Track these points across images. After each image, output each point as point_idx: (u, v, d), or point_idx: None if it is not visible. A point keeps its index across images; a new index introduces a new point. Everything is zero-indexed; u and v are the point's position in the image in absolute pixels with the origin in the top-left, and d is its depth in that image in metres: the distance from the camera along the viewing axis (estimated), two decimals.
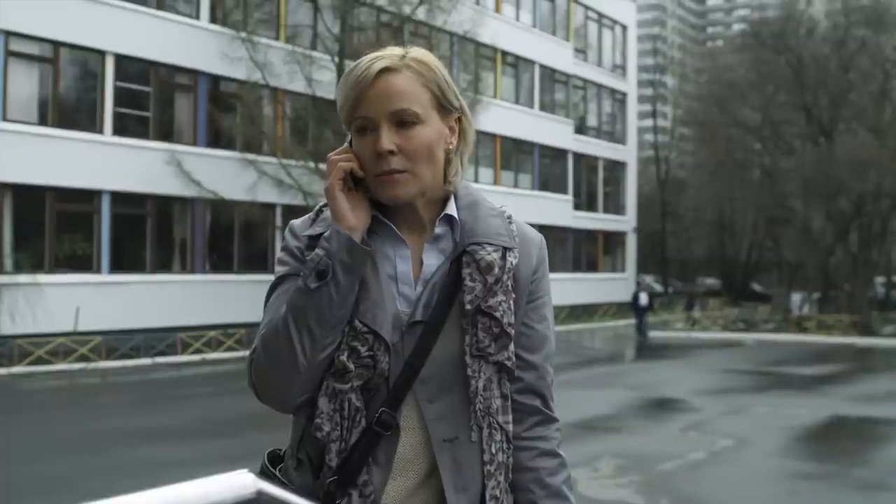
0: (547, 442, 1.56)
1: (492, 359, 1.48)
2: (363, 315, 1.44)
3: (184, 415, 11.56)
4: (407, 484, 1.46)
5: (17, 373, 15.83)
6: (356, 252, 1.43)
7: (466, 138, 1.57)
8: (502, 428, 1.50)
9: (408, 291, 1.49)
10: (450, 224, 1.53)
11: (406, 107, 1.45)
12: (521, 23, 32.48)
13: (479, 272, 1.47)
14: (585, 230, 35.86)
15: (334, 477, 1.44)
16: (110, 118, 19.42)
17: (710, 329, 28.86)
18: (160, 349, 18.28)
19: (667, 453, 8.78)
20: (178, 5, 21.21)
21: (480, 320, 1.46)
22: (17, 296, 16.85)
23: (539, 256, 1.58)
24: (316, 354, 1.42)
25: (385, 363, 1.44)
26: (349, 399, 1.44)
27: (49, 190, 18.21)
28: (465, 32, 24.13)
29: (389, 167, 1.45)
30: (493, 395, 1.49)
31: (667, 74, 60.59)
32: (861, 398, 13.27)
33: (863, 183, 29.22)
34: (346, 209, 1.45)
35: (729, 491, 7.51)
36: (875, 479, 7.99)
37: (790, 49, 32.75)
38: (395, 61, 1.47)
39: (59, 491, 7.08)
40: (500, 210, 1.59)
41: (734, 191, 39.06)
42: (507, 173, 31.62)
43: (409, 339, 1.45)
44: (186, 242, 21.18)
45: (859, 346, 23.35)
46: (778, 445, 9.37)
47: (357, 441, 1.43)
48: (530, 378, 1.55)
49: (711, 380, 15.62)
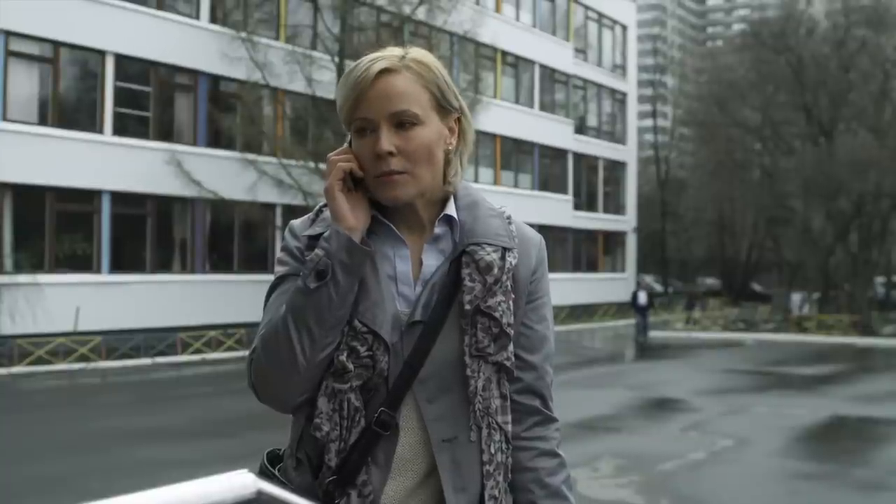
0: (546, 442, 1.57)
1: (491, 359, 1.48)
2: (363, 315, 1.44)
3: (184, 415, 11.56)
4: (406, 484, 1.46)
5: (17, 373, 15.83)
6: (356, 252, 1.43)
7: (466, 139, 1.57)
8: (501, 428, 1.50)
9: (407, 291, 1.49)
10: (449, 224, 1.53)
11: (406, 108, 1.45)
12: (521, 23, 32.48)
13: (479, 272, 1.47)
14: (585, 230, 35.87)
15: (333, 477, 1.44)
16: (110, 118, 19.42)
17: (711, 329, 28.86)
18: (160, 349, 18.28)
19: (667, 453, 8.78)
20: (178, 5, 21.21)
21: (480, 320, 1.47)
22: (17, 296, 16.85)
23: (538, 257, 1.58)
24: (315, 354, 1.42)
25: (384, 363, 1.44)
26: (348, 399, 1.44)
27: (49, 190, 18.21)
28: (465, 32, 24.13)
29: (389, 168, 1.45)
30: (493, 395, 1.49)
31: (667, 74, 60.60)
32: (861, 398, 13.27)
33: (863, 183, 29.22)
34: (345, 209, 1.45)
35: (729, 491, 7.51)
36: (875, 479, 7.99)
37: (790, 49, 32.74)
38: (395, 62, 1.47)
39: (59, 491, 7.08)
40: (500, 211, 1.59)
41: (734, 191, 39.05)
42: (507, 173, 31.62)
43: (409, 339, 1.45)
44: (186, 242, 21.18)
45: (859, 346, 23.35)
46: (778, 445, 9.37)
47: (356, 441, 1.44)
48: (530, 378, 1.56)
49: (711, 380, 15.62)
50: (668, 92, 59.34)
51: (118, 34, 19.24)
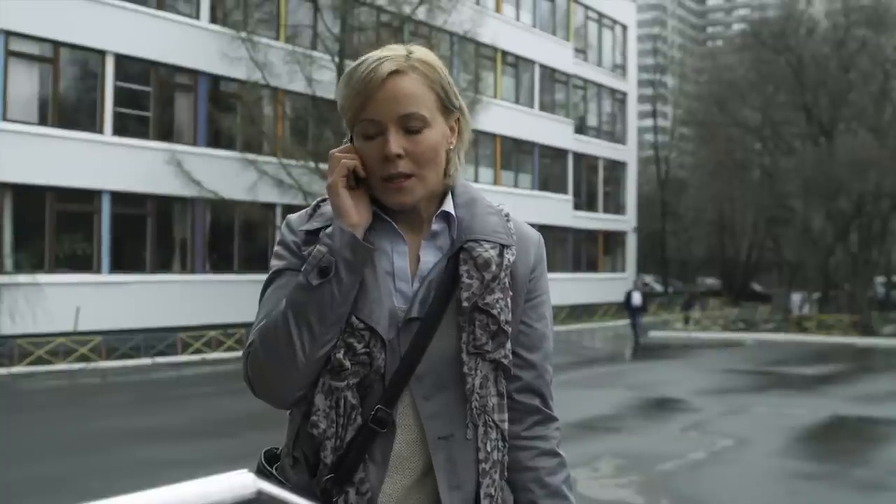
0: (546, 441, 1.56)
1: (489, 356, 1.47)
2: (360, 311, 1.43)
3: (184, 415, 11.56)
4: (403, 482, 1.46)
5: (18, 373, 15.83)
6: (359, 249, 1.42)
7: (463, 136, 1.57)
8: (498, 426, 1.50)
9: (405, 288, 1.49)
10: (447, 221, 1.53)
11: (415, 111, 1.45)
12: (521, 23, 32.48)
13: (477, 269, 1.46)
14: (585, 230, 35.87)
15: (331, 475, 1.43)
16: (110, 118, 19.42)
17: (711, 329, 28.85)
18: (160, 349, 18.28)
19: (667, 453, 8.78)
20: (178, 5, 21.21)
21: (477, 317, 1.46)
22: (17, 296, 16.84)
23: (537, 255, 1.58)
24: (315, 351, 1.42)
25: (381, 360, 1.43)
26: (345, 396, 1.43)
27: (49, 190, 18.21)
28: (466, 32, 24.14)
29: (397, 170, 1.44)
30: (490, 392, 1.49)
31: (667, 74, 60.60)
32: (861, 398, 13.27)
33: (863, 183, 29.21)
34: (349, 206, 1.45)
35: (729, 491, 7.51)
36: (875, 479, 7.98)
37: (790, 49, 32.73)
38: (402, 63, 1.46)
39: (59, 491, 7.08)
40: (498, 208, 1.58)
41: (734, 191, 39.03)
42: (508, 173, 31.63)
43: (406, 335, 1.45)
44: (186, 242, 21.19)
45: (859, 346, 23.34)
46: (778, 445, 9.37)
47: (353, 438, 1.43)
48: (529, 377, 1.55)
49: (711, 380, 15.61)
50: (668, 92, 59.35)
51: (118, 34, 19.24)
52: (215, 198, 20.54)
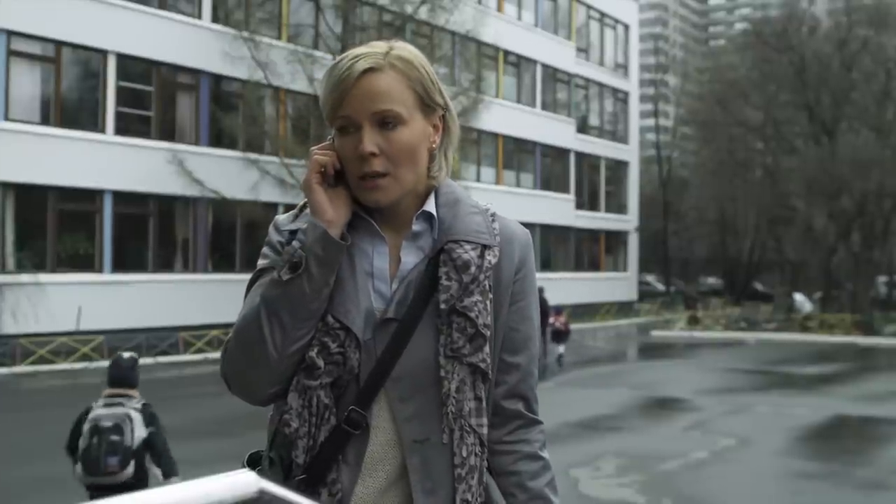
0: (529, 445, 1.53)
1: (466, 360, 1.44)
2: (336, 310, 1.42)
3: (186, 414, 11.55)
4: (377, 484, 1.44)
5: (20, 372, 15.85)
6: (330, 246, 1.41)
7: (451, 135, 1.55)
8: (475, 431, 1.46)
9: (383, 288, 1.47)
10: (429, 221, 1.51)
11: (389, 108, 1.43)
12: (522, 22, 32.46)
13: (456, 271, 1.44)
14: (587, 229, 35.84)
15: (303, 475, 1.42)
16: (112, 118, 19.42)
17: (713, 328, 28.84)
18: (162, 348, 18.29)
19: (669, 453, 8.78)
20: (180, 5, 21.21)
21: (455, 320, 1.44)
22: (19, 295, 16.85)
23: (522, 255, 1.54)
24: (287, 346, 1.41)
25: (355, 360, 1.42)
26: (318, 395, 1.42)
27: (51, 189, 18.21)
28: (467, 32, 24.13)
29: (371, 169, 1.43)
30: (467, 397, 1.45)
31: (669, 74, 60.57)
32: (863, 398, 13.26)
33: (865, 182, 29.21)
34: (323, 202, 1.44)
35: (731, 490, 7.50)
36: (877, 479, 7.98)
37: (792, 48, 32.74)
38: (379, 60, 1.44)
39: (59, 491, 7.08)
40: (484, 208, 1.55)
41: (736, 190, 39.03)
42: (509, 173, 31.61)
43: (382, 336, 1.43)
44: (188, 242, 21.19)
45: (861, 346, 23.31)
46: (780, 445, 9.36)
47: (326, 439, 1.42)
48: (513, 380, 1.52)
49: (713, 379, 15.60)
50: (670, 91, 59.34)
51: (120, 33, 19.24)
52: (217, 197, 20.54)
